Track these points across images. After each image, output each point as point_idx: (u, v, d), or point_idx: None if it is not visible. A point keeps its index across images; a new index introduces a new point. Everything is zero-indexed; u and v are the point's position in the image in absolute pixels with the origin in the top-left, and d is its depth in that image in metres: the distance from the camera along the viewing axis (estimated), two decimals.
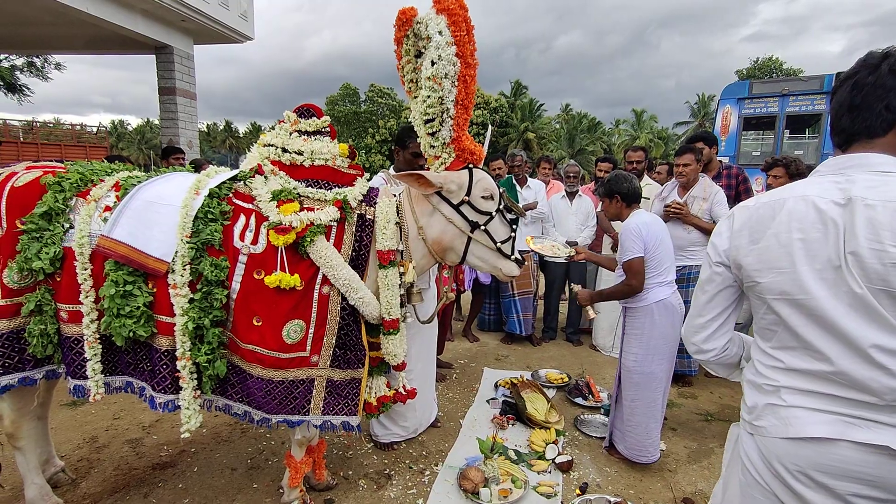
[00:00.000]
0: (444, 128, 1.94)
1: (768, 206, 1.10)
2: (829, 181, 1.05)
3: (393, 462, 2.62)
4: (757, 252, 1.09)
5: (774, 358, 1.10)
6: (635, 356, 2.55)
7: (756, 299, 1.14)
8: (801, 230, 1.03)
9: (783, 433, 1.06)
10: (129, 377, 1.93)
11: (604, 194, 2.69)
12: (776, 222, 1.07)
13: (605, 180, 2.68)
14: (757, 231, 1.10)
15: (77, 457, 2.60)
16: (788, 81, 9.10)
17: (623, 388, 2.62)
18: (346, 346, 1.97)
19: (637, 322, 2.55)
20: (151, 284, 1.82)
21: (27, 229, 1.77)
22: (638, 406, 2.55)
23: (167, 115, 7.73)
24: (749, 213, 1.14)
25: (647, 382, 2.52)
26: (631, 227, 2.50)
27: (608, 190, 2.64)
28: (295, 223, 1.84)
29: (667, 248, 2.53)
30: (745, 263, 1.12)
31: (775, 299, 1.07)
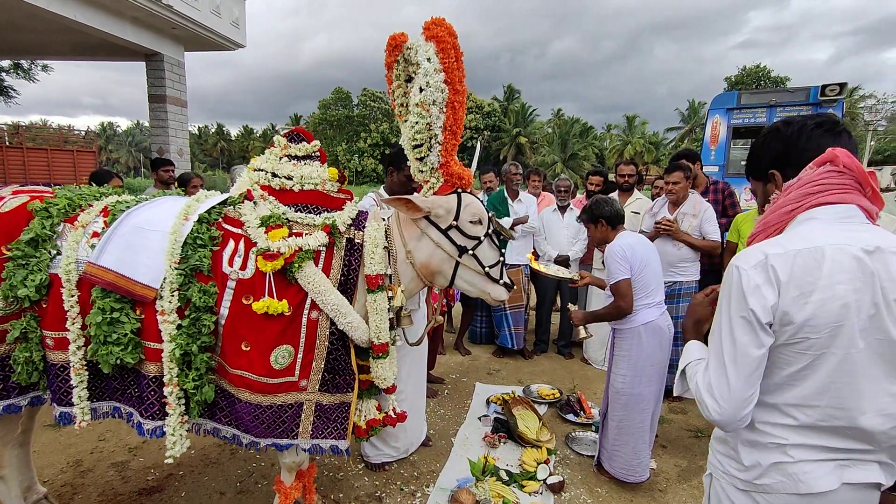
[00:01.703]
0: (433, 153, 1.94)
1: (808, 256, 1.01)
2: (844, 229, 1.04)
3: (384, 483, 2.61)
4: (813, 307, 1.00)
5: (787, 415, 1.06)
6: (623, 377, 2.56)
7: (790, 355, 1.05)
8: (850, 281, 0.99)
9: (793, 489, 1.05)
10: (116, 402, 1.91)
11: (587, 220, 2.72)
12: (825, 273, 0.99)
13: (585, 207, 2.71)
14: (805, 283, 1.00)
15: (61, 482, 2.56)
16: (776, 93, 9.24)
17: (611, 409, 2.63)
18: (335, 371, 1.96)
19: (625, 343, 2.57)
20: (139, 311, 1.80)
21: (13, 256, 1.74)
22: (626, 427, 2.56)
23: (157, 123, 7.66)
24: (789, 262, 1.02)
25: (635, 404, 2.53)
26: (615, 249, 2.52)
27: (591, 216, 2.67)
28: (283, 249, 1.83)
29: (653, 270, 2.55)
30: (798, 319, 1.01)
31: (820, 354, 1.01)
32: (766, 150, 1.19)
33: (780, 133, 1.17)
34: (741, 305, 1.04)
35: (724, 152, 9.18)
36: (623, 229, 2.65)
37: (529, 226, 4.35)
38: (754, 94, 10.05)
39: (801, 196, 1.07)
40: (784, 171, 1.15)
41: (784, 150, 1.15)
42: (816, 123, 1.11)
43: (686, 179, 3.57)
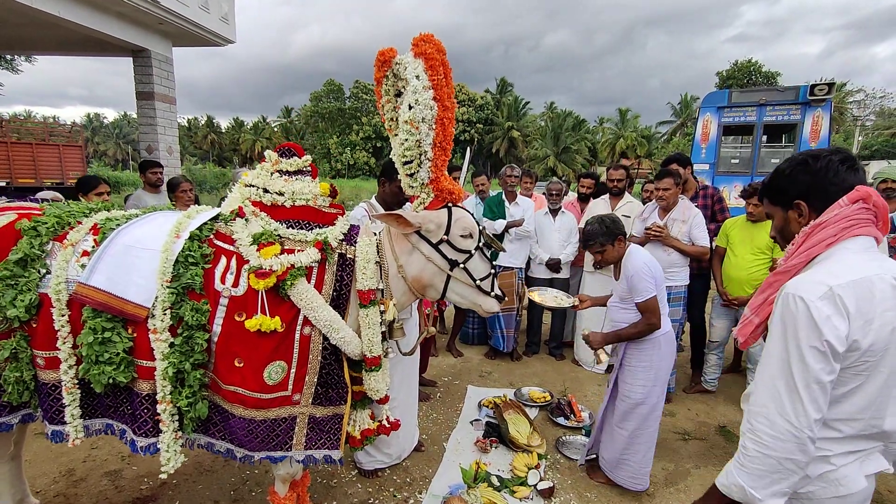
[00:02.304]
0: (422, 169, 1.95)
1: (862, 286, 1.11)
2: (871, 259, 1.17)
3: (377, 490, 2.64)
4: (874, 333, 1.11)
5: (833, 429, 1.17)
6: (643, 388, 2.56)
7: (846, 377, 1.14)
8: (894, 308, 1.12)
9: (833, 493, 1.18)
10: (108, 420, 1.91)
11: (606, 241, 2.55)
12: (877, 301, 1.11)
13: (602, 230, 2.55)
14: (867, 312, 1.11)
15: (53, 492, 2.56)
16: (766, 91, 9.32)
17: (624, 422, 2.62)
18: (329, 385, 1.98)
19: (644, 355, 2.57)
20: (131, 329, 1.80)
21: (2, 276, 1.73)
22: (640, 436, 2.59)
23: (146, 121, 7.54)
24: (853, 293, 1.11)
25: (651, 413, 2.58)
26: (640, 267, 2.49)
27: (611, 234, 2.54)
28: (275, 266, 1.83)
29: (663, 281, 2.60)
30: (864, 346, 1.11)
31: (871, 374, 1.14)
32: (794, 180, 1.28)
33: (809, 166, 1.26)
34: (813, 335, 1.10)
35: (714, 150, 9.27)
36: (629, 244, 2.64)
37: (524, 229, 4.36)
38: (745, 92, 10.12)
39: (840, 230, 1.18)
40: (809, 202, 1.26)
41: (812, 182, 1.25)
42: (840, 160, 1.23)
43: (676, 186, 3.61)
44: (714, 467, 2.98)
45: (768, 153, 9.22)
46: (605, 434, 2.76)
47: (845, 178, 1.21)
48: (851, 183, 1.21)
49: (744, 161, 9.32)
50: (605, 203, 4.33)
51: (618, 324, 2.66)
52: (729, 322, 3.71)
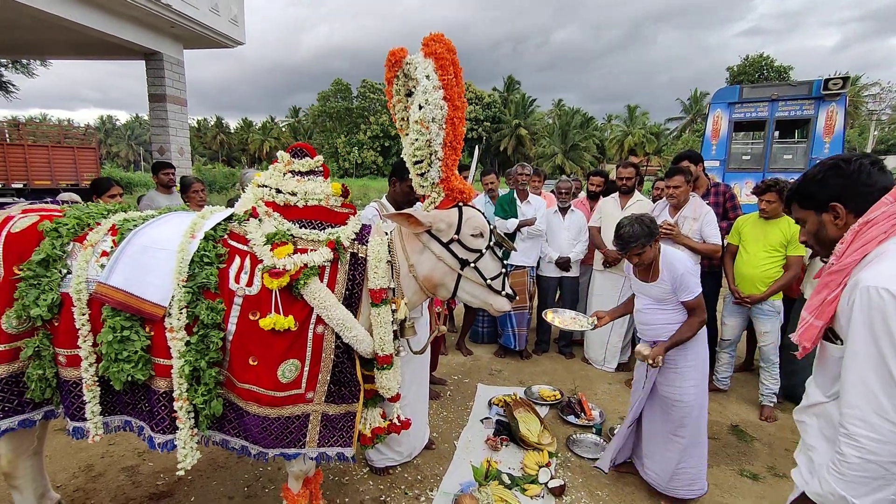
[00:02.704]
0: (433, 169, 1.96)
1: None
2: None
3: (388, 488, 2.67)
4: None
5: None
6: (695, 387, 2.49)
7: None
8: None
9: None
10: (127, 416, 1.96)
11: (648, 240, 2.42)
12: None
13: (644, 231, 2.41)
14: None
15: (73, 487, 2.62)
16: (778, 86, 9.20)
17: (681, 429, 2.51)
18: (341, 383, 2.00)
19: (691, 353, 2.50)
20: (149, 328, 1.84)
21: (25, 276, 1.78)
22: (699, 440, 2.53)
23: (158, 122, 7.65)
24: None
25: (703, 412, 2.53)
26: (688, 264, 2.47)
27: (651, 233, 2.43)
28: (289, 266, 1.86)
29: None
30: None
31: None
32: (826, 184, 1.33)
33: (842, 170, 1.31)
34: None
35: (725, 147, 9.17)
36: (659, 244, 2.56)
37: (536, 228, 4.36)
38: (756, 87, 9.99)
39: (890, 226, 1.20)
40: (845, 204, 1.30)
41: (846, 185, 1.30)
42: (871, 162, 1.30)
43: (687, 183, 3.59)
44: (727, 466, 2.96)
45: (780, 149, 9.10)
46: (652, 447, 2.61)
47: (877, 179, 1.27)
48: (884, 184, 1.26)
49: (755, 157, 9.21)
50: (614, 201, 4.31)
51: (651, 326, 2.56)
52: (741, 320, 3.68)
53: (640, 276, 2.61)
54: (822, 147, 8.40)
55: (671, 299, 2.49)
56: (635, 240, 2.42)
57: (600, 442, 3.14)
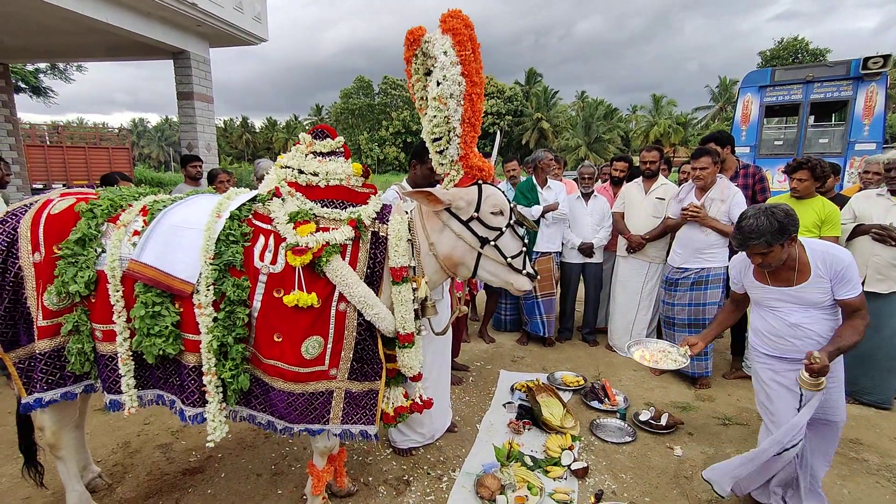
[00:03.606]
0: (452, 146, 1.96)
1: None
2: None
3: (411, 468, 2.70)
4: None
5: None
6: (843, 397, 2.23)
7: None
8: None
9: None
10: (159, 391, 2.04)
11: (777, 239, 1.97)
12: None
13: (772, 226, 1.96)
14: None
15: (112, 462, 2.74)
16: (813, 68, 8.78)
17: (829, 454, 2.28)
18: (364, 360, 2.03)
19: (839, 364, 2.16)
20: (178, 304, 1.91)
21: (63, 255, 1.87)
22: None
23: (186, 120, 7.88)
24: None
25: None
26: (849, 259, 2.05)
27: (783, 230, 1.97)
28: (311, 244, 1.90)
29: None
30: None
31: None
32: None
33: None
34: None
35: (755, 133, 8.85)
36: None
37: (560, 213, 4.33)
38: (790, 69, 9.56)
39: None
40: None
41: None
42: None
43: (714, 164, 3.49)
44: None
45: (816, 133, 8.72)
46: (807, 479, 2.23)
47: None
48: None
49: (788, 143, 8.85)
50: (638, 186, 4.22)
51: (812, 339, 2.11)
52: None
53: (775, 280, 2.15)
54: (862, 130, 8.01)
55: (824, 302, 2.07)
56: (758, 236, 1.97)
57: (625, 426, 3.10)
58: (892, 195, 3.19)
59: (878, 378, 3.32)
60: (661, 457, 2.82)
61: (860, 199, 3.39)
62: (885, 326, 3.27)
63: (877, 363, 3.31)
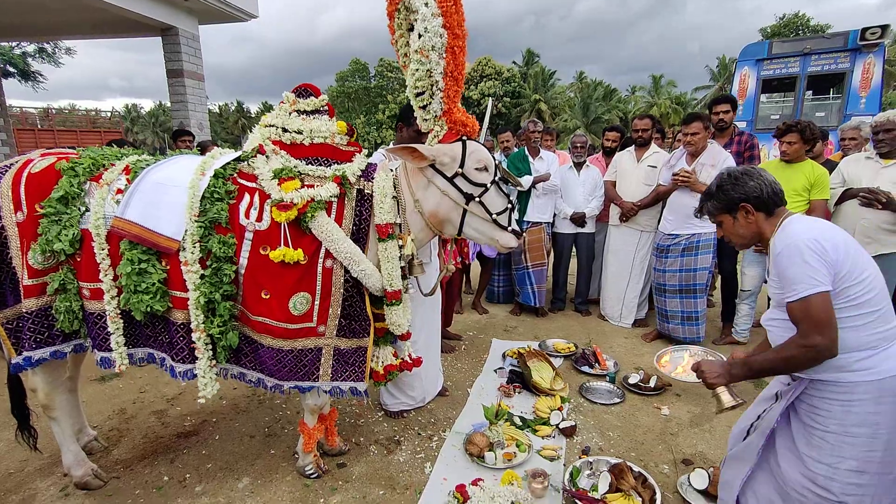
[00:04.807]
0: (435, 101, 1.95)
1: None
2: None
3: (402, 429, 2.74)
4: None
5: None
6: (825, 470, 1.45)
7: None
8: None
9: None
10: (149, 349, 2.06)
11: (718, 207, 1.66)
12: None
13: (708, 193, 1.70)
14: None
15: (108, 427, 2.78)
16: (811, 40, 8.68)
17: None
18: (351, 317, 2.05)
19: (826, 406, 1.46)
20: (165, 262, 1.92)
21: (46, 213, 1.87)
22: None
23: (176, 98, 7.79)
24: None
25: None
26: (796, 242, 1.43)
27: (722, 197, 1.63)
28: (296, 200, 1.90)
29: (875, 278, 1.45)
30: None
31: None
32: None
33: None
34: None
35: (752, 107, 8.78)
36: (787, 212, 1.58)
37: (551, 184, 4.32)
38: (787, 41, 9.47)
39: None
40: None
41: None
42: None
43: (705, 130, 3.48)
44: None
45: (813, 107, 8.68)
46: None
47: None
48: None
49: (785, 117, 8.78)
50: (630, 154, 4.20)
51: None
52: (761, 270, 3.59)
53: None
54: (858, 103, 7.96)
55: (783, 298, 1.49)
56: (706, 197, 1.71)
57: (614, 389, 3.15)
58: (881, 158, 3.19)
59: None
60: (649, 416, 2.86)
61: (849, 163, 3.39)
62: None
63: None
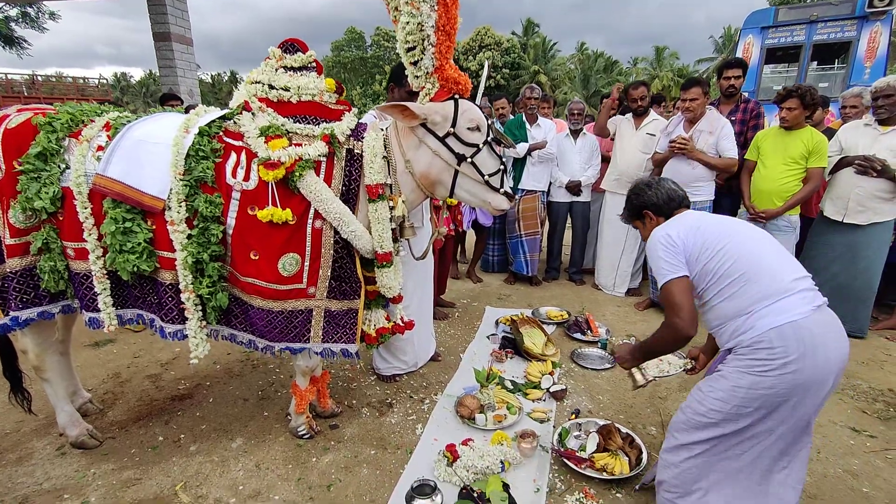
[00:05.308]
0: (426, 56, 1.89)
1: None
2: None
3: (395, 392, 2.77)
4: None
5: None
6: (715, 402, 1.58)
7: None
8: None
9: None
10: (138, 310, 2.05)
11: (629, 217, 1.97)
12: None
13: (629, 197, 1.93)
14: None
15: (103, 390, 2.80)
16: (818, 6, 8.44)
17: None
18: (342, 279, 2.04)
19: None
20: (150, 221, 1.89)
21: (25, 170, 1.82)
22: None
23: (165, 63, 7.57)
24: None
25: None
26: (656, 238, 1.69)
27: (630, 207, 1.92)
28: (283, 158, 1.85)
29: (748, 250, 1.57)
30: None
31: None
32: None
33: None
34: None
35: (755, 77, 8.60)
36: (683, 214, 1.80)
37: (547, 151, 4.26)
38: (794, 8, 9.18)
39: None
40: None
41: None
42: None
43: (704, 95, 3.40)
44: None
45: (816, 78, 8.51)
46: None
47: None
48: None
49: None
50: (629, 122, 4.13)
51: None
52: None
53: None
54: (863, 73, 7.80)
55: None
56: (622, 216, 2.01)
57: (605, 355, 3.18)
58: (880, 125, 3.14)
59: (852, 308, 3.39)
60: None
61: (848, 130, 3.34)
62: (860, 258, 3.30)
63: (852, 294, 3.37)
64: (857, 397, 2.74)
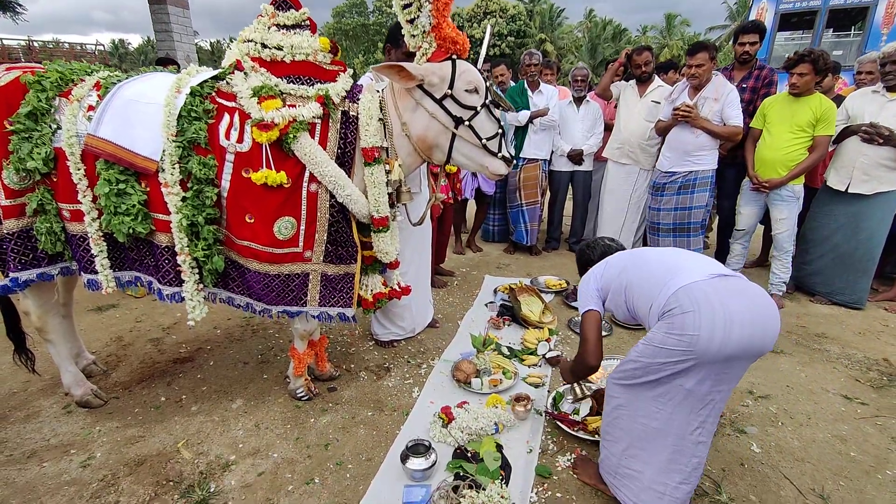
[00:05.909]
0: (423, 13, 1.83)
1: None
2: None
3: (392, 357, 2.81)
4: None
5: None
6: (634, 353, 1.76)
7: None
8: None
9: None
10: (136, 272, 2.06)
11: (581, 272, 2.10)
12: None
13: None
14: None
15: (106, 353, 2.85)
16: None
17: None
18: (338, 243, 2.04)
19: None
20: (144, 183, 1.88)
21: (16, 129, 1.80)
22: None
23: (161, 28, 7.38)
24: None
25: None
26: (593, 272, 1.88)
27: (580, 266, 2.12)
28: (277, 120, 1.83)
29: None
30: None
31: None
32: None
33: None
34: None
35: (767, 44, 8.35)
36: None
37: (549, 119, 4.18)
38: None
39: None
40: None
41: None
42: None
43: (711, 61, 3.30)
44: None
45: (830, 45, 8.25)
46: None
47: None
48: None
49: None
50: (633, 89, 4.03)
51: None
52: (757, 209, 3.54)
53: None
54: (879, 40, 7.56)
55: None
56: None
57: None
58: (888, 91, 3.05)
59: (852, 279, 3.38)
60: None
61: (855, 98, 3.26)
62: (862, 229, 3.27)
63: (852, 264, 3.36)
64: (852, 366, 2.76)
